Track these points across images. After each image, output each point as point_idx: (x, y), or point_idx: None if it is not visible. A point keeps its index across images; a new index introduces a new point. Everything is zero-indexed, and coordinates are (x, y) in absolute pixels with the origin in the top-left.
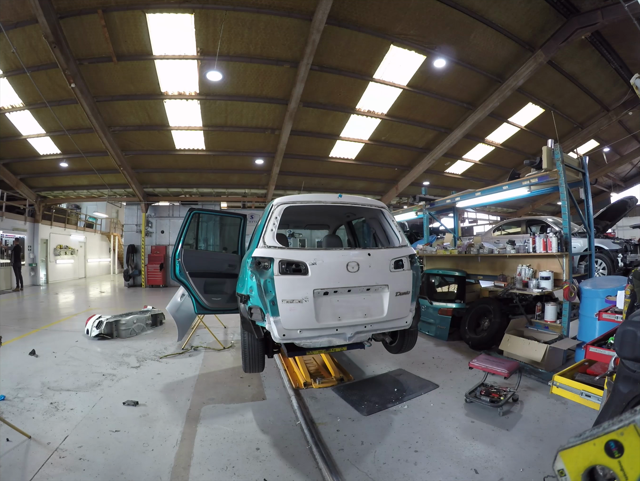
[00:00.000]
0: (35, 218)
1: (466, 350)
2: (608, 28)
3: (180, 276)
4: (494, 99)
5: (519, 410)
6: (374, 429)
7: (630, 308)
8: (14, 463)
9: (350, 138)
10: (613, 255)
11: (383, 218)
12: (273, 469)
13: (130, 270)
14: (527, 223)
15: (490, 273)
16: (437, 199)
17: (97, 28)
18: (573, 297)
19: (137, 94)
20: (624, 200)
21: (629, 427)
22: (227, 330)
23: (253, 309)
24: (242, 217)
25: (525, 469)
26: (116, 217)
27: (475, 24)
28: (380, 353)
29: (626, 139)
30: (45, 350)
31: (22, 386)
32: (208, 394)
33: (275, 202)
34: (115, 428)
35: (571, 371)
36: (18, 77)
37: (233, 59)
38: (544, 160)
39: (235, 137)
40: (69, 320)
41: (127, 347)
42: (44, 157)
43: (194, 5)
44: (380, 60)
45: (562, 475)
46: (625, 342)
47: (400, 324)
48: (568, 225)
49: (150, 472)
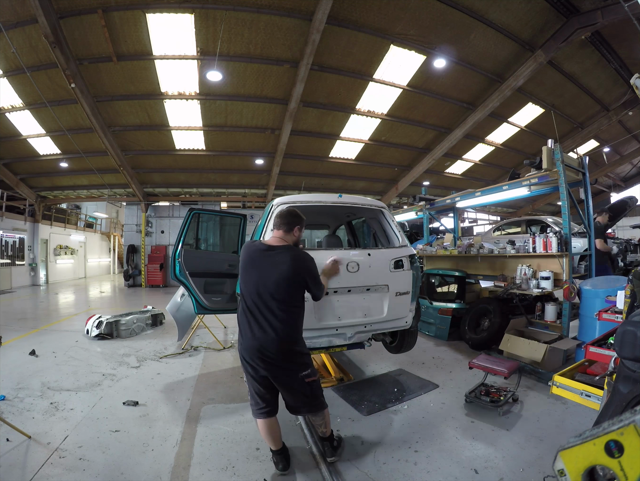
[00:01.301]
0: (35, 218)
1: (466, 350)
2: (608, 28)
3: (180, 276)
4: (494, 99)
5: (519, 410)
6: (374, 429)
7: (630, 308)
8: (14, 463)
9: (350, 138)
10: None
11: (383, 218)
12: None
13: (130, 270)
14: (527, 223)
15: (490, 273)
16: (437, 199)
17: (97, 28)
18: (573, 297)
19: (137, 94)
20: (624, 200)
21: (629, 427)
22: (227, 330)
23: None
24: (242, 217)
25: (525, 469)
26: (116, 217)
27: (475, 24)
28: (380, 353)
29: (626, 139)
30: (45, 350)
31: (22, 386)
32: (208, 394)
33: (275, 202)
34: (115, 428)
35: (571, 371)
36: (18, 77)
37: (233, 59)
38: (544, 160)
39: (235, 137)
40: (69, 320)
41: (127, 347)
42: (44, 157)
43: (194, 5)
44: (380, 60)
45: (562, 475)
46: (625, 342)
47: (400, 324)
48: (568, 225)
49: (150, 472)
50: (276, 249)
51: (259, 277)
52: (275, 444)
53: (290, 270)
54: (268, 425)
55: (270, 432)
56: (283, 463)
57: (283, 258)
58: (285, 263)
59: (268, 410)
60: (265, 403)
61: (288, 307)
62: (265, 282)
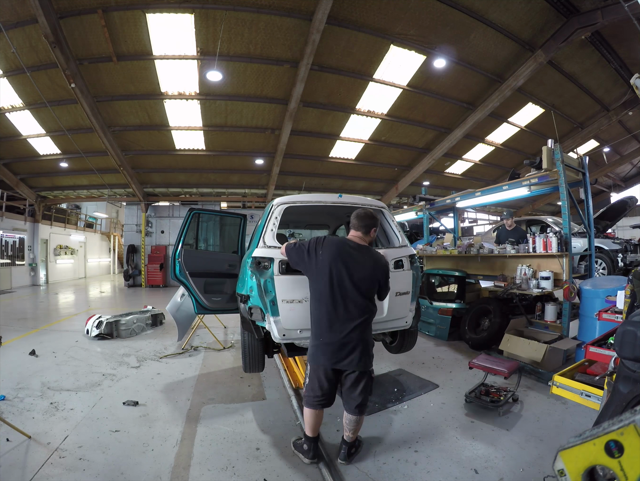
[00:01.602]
0: (35, 218)
1: (466, 350)
2: (608, 28)
3: (180, 276)
4: (494, 99)
5: (519, 410)
6: (374, 429)
7: (630, 308)
8: (14, 463)
9: (350, 138)
10: (613, 255)
11: (383, 218)
12: (273, 469)
13: (130, 270)
14: (527, 223)
15: (490, 273)
16: (437, 199)
17: (97, 28)
18: (573, 297)
19: (137, 94)
20: (624, 200)
21: (629, 427)
22: (227, 330)
23: (253, 309)
24: (242, 217)
25: (525, 469)
26: (116, 217)
27: (475, 24)
28: (380, 353)
29: (626, 139)
30: (45, 350)
31: (22, 386)
32: (208, 394)
33: (275, 202)
34: (115, 428)
35: (571, 371)
36: (18, 77)
37: (233, 59)
38: (544, 160)
39: (235, 137)
40: (69, 320)
41: (127, 347)
42: (44, 157)
43: (194, 5)
44: (380, 60)
45: (562, 475)
46: (625, 342)
47: (400, 324)
48: (568, 225)
49: (150, 472)
50: (362, 249)
51: (347, 272)
52: (315, 432)
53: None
54: (317, 414)
55: (316, 421)
56: (315, 451)
57: (369, 259)
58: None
59: (324, 402)
60: (323, 396)
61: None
62: (353, 278)
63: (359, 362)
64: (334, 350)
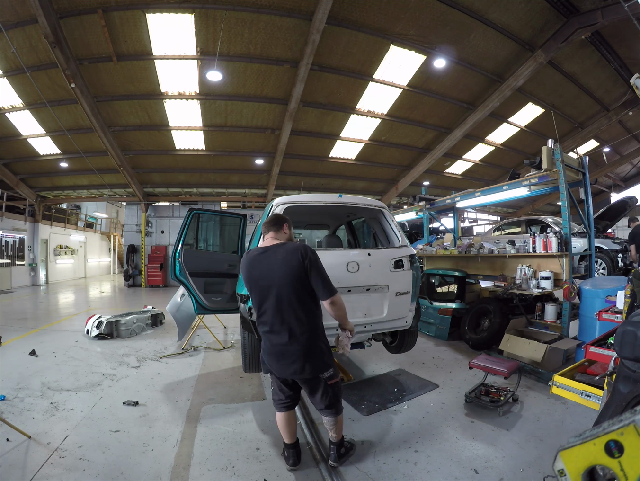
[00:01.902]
0: (35, 218)
1: (466, 350)
2: (608, 28)
3: (180, 276)
4: (494, 99)
5: (519, 410)
6: (374, 429)
7: (630, 308)
8: (14, 463)
9: (350, 138)
10: (613, 255)
11: (383, 218)
12: (273, 469)
13: (130, 270)
14: (527, 223)
15: (490, 273)
16: (437, 199)
17: (97, 28)
18: (573, 297)
19: (137, 93)
20: (624, 200)
21: (629, 427)
22: (227, 330)
23: (253, 309)
24: (242, 217)
25: (525, 469)
26: (116, 217)
27: (475, 24)
28: (380, 353)
29: (626, 139)
30: (45, 350)
31: (22, 386)
32: (208, 394)
33: (275, 202)
34: (115, 428)
35: (571, 371)
36: (18, 77)
37: (233, 59)
38: (544, 160)
39: (235, 137)
40: (69, 320)
41: (127, 347)
42: (44, 157)
43: (194, 5)
44: (380, 60)
45: (562, 475)
46: (625, 342)
47: (400, 324)
48: (568, 225)
49: (150, 472)
50: (271, 248)
51: (262, 276)
52: (290, 438)
53: (285, 260)
54: (286, 418)
55: (287, 425)
56: (294, 458)
57: (281, 252)
58: (280, 256)
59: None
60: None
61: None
62: (272, 278)
63: (302, 371)
64: (277, 359)
